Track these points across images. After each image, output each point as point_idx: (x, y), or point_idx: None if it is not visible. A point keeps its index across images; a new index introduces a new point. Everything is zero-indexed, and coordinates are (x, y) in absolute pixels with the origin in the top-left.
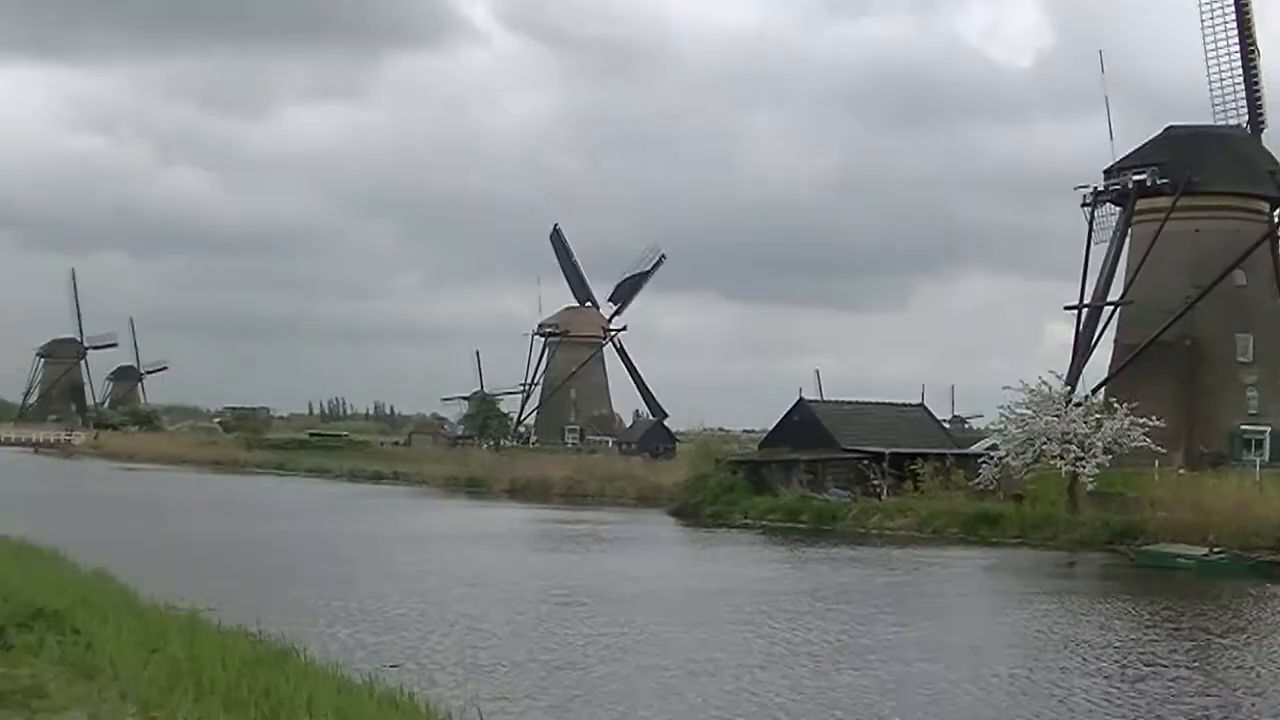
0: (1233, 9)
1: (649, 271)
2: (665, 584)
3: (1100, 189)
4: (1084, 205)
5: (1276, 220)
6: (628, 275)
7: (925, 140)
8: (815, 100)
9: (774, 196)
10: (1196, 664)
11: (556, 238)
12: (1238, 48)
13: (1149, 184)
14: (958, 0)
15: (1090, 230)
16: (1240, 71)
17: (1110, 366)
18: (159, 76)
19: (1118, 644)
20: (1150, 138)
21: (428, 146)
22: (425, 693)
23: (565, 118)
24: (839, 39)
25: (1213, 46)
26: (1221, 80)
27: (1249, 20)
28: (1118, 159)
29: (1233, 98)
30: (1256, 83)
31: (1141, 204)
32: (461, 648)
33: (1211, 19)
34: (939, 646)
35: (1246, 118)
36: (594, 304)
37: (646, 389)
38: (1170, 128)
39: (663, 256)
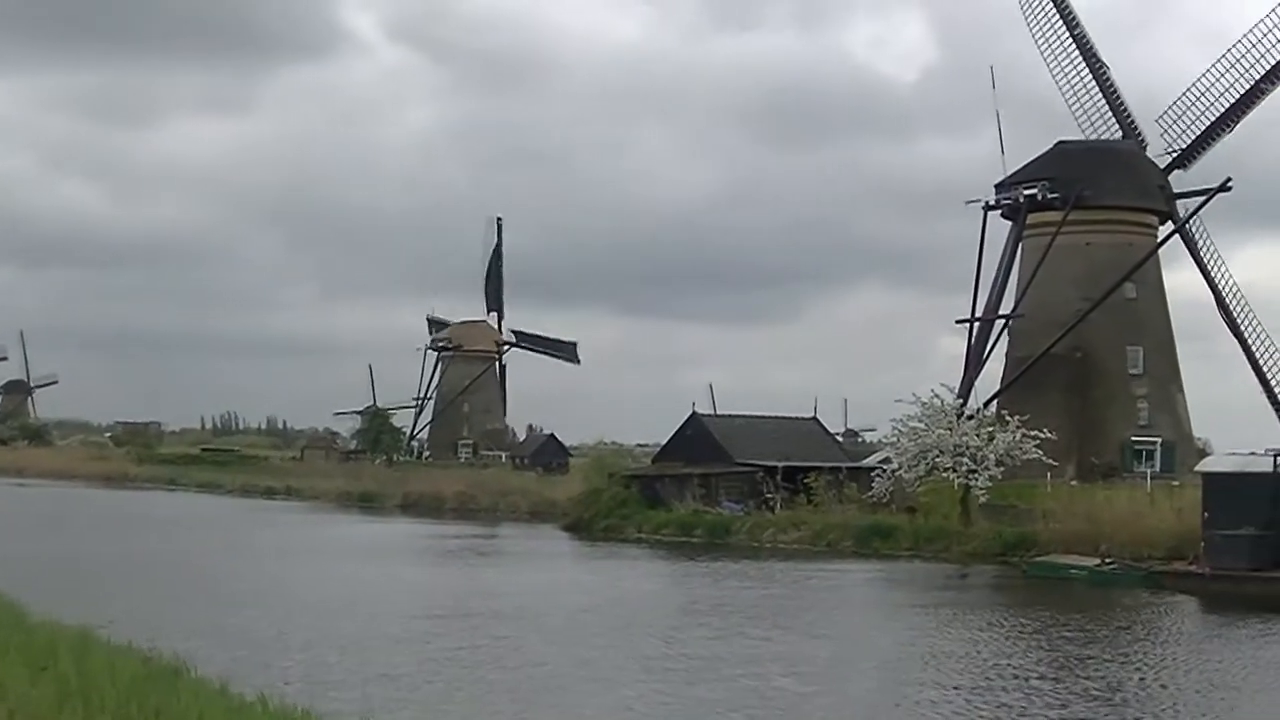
0: (1066, 33)
1: (550, 344)
2: (545, 598)
3: (991, 203)
4: (985, 208)
5: (1166, 233)
6: (539, 336)
7: (813, 154)
8: (702, 114)
9: (664, 210)
10: (1061, 674)
11: (496, 231)
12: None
13: (1040, 198)
14: (843, 15)
15: (982, 244)
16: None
17: (1002, 379)
18: (47, 88)
19: (986, 655)
20: (1041, 152)
21: (318, 159)
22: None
23: (454, 130)
24: (725, 52)
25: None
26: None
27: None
28: (1009, 173)
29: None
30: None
31: (1032, 218)
32: (328, 665)
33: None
34: (803, 660)
35: (1120, 135)
36: (500, 311)
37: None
38: (1061, 142)
39: (576, 351)
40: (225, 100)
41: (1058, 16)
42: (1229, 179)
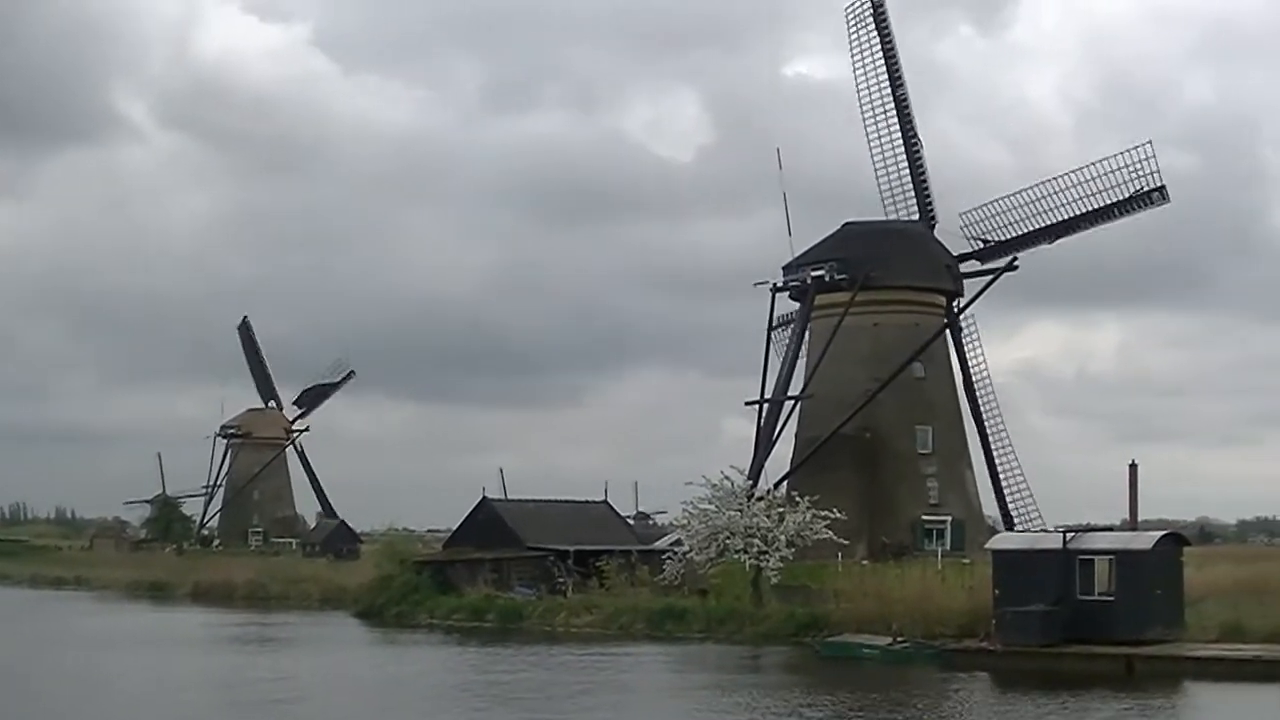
0: (893, 106)
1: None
2: (313, 685)
3: (779, 284)
4: (773, 290)
5: (954, 313)
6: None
7: (591, 236)
8: (479, 197)
9: (444, 294)
10: None
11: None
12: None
13: (827, 279)
14: (619, 96)
15: (770, 326)
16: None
17: (792, 460)
18: None
19: None
20: (829, 234)
21: (94, 245)
22: None
23: (231, 216)
24: (501, 135)
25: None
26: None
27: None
28: (796, 255)
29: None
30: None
31: (820, 299)
32: None
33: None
34: None
35: (917, 214)
36: (278, 403)
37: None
38: (848, 223)
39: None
40: None
41: (888, 84)
42: (1015, 258)
